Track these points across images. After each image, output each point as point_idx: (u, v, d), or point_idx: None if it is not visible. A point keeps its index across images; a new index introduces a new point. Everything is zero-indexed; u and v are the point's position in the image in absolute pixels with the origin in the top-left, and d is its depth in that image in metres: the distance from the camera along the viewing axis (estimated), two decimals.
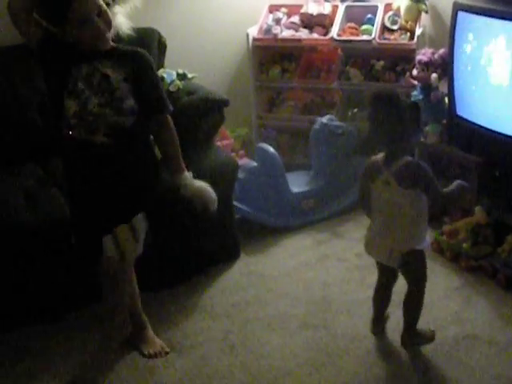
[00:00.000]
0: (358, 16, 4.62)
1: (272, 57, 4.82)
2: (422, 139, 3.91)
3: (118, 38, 3.87)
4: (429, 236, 3.07)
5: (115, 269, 2.96)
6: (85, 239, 2.90)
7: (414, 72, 4.04)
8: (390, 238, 2.88)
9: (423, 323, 3.12)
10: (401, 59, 4.43)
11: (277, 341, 3.17)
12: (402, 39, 4.35)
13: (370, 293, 3.32)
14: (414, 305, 3.02)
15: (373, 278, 3.42)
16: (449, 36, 3.70)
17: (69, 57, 2.77)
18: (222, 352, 3.12)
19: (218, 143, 4.06)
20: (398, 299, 3.09)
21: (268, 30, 4.62)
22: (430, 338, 3.07)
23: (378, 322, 3.18)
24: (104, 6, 2.74)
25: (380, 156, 2.86)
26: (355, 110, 4.57)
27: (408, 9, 4.36)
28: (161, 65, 4.11)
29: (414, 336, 3.05)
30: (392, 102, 2.78)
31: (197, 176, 2.93)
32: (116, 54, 2.83)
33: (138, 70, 2.82)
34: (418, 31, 4.33)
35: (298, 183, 4.29)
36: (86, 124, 2.73)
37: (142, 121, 2.83)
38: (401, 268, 2.96)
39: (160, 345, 3.15)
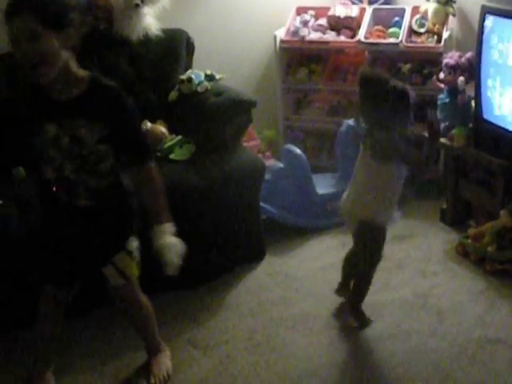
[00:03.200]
0: (386, 19, 4.63)
1: (299, 59, 4.84)
2: (445, 141, 3.92)
3: (147, 38, 3.96)
4: (397, 216, 3.18)
5: (125, 294, 2.89)
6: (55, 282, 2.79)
7: (441, 75, 4.04)
8: (353, 201, 3.12)
9: (448, 326, 3.14)
10: (428, 62, 4.42)
11: (301, 340, 3.20)
12: (429, 42, 4.36)
13: (394, 295, 3.36)
14: (360, 282, 3.22)
15: (397, 279, 3.46)
16: (476, 39, 3.69)
17: (38, 108, 2.54)
18: (246, 351, 3.15)
19: (245, 144, 4.07)
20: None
21: (295, 32, 4.65)
22: (366, 323, 3.25)
23: (343, 288, 3.39)
24: (39, 31, 2.35)
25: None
26: None
27: (435, 12, 4.36)
28: (189, 65, 4.15)
29: (356, 312, 3.25)
30: (377, 84, 2.94)
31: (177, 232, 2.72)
32: (88, 99, 2.52)
33: (115, 119, 2.54)
34: (446, 34, 4.32)
35: (324, 185, 4.30)
36: (67, 189, 2.60)
37: (121, 172, 2.70)
38: (355, 236, 3.19)
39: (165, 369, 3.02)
